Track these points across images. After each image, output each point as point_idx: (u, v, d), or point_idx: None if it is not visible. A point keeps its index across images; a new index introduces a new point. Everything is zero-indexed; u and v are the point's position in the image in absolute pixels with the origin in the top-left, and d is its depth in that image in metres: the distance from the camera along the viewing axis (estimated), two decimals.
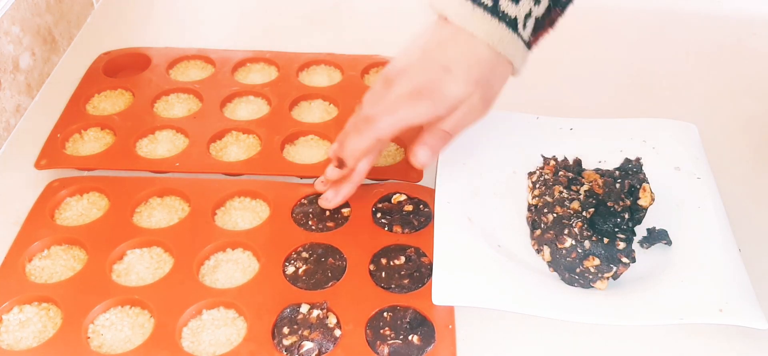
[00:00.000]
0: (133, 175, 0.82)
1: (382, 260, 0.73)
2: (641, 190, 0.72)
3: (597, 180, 0.73)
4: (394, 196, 0.79)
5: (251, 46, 1.03)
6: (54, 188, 0.80)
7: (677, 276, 0.70)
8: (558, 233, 0.69)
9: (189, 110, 0.92)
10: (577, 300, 0.69)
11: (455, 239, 0.73)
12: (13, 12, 0.91)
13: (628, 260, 0.69)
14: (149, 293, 0.69)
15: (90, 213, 0.78)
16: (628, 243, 0.69)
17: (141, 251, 0.74)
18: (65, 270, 0.72)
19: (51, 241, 0.74)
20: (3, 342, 0.66)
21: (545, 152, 0.80)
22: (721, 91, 0.98)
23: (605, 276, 0.69)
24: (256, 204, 0.80)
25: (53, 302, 0.69)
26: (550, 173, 0.75)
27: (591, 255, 0.68)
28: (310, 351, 0.64)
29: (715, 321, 0.66)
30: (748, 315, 0.66)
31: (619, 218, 0.70)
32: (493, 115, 0.87)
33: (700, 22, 1.12)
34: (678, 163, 0.81)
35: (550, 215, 0.71)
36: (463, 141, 0.84)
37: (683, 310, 0.67)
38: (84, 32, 1.08)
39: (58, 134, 0.86)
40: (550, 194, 0.72)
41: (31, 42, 0.95)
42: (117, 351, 0.65)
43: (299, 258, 0.73)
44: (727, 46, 1.07)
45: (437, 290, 0.68)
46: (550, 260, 0.71)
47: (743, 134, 0.90)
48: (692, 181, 0.79)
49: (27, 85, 0.94)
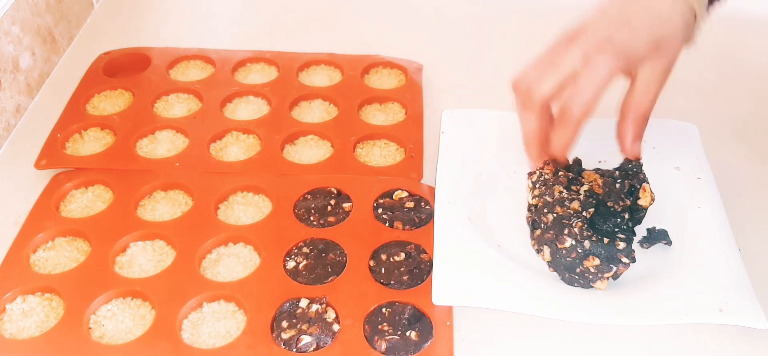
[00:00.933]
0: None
1: (382, 256, 0.73)
2: (641, 190, 0.72)
3: (597, 180, 0.73)
4: (396, 192, 0.79)
5: (251, 46, 1.03)
6: (59, 181, 0.80)
7: (677, 276, 0.70)
8: (558, 233, 0.69)
9: (189, 110, 0.92)
10: (577, 299, 0.69)
11: (455, 238, 0.73)
12: (13, 12, 0.91)
13: (628, 261, 0.68)
14: (151, 285, 0.69)
15: (95, 206, 0.78)
16: (628, 243, 0.69)
17: (144, 244, 0.74)
18: (69, 261, 0.72)
19: (55, 233, 0.75)
20: (6, 331, 0.66)
21: None
22: (722, 91, 0.98)
23: (605, 276, 0.69)
24: (259, 199, 0.80)
25: (56, 292, 0.69)
26: (550, 173, 0.75)
27: (591, 255, 0.68)
28: (308, 345, 0.64)
29: (716, 321, 0.66)
30: (748, 315, 0.66)
31: (619, 218, 0.70)
32: (493, 115, 0.88)
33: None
34: (678, 163, 0.82)
35: (550, 215, 0.71)
36: (462, 141, 0.85)
37: (683, 310, 0.67)
38: (84, 32, 1.08)
39: (58, 134, 0.86)
40: (550, 194, 0.72)
41: (31, 42, 0.95)
42: (118, 342, 0.65)
43: (300, 253, 0.73)
44: (727, 45, 1.08)
45: (437, 290, 0.68)
46: (550, 260, 0.70)
47: (743, 134, 0.91)
48: (692, 181, 0.80)
49: (27, 85, 0.94)
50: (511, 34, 1.11)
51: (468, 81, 0.99)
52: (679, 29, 0.71)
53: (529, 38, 1.07)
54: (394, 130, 0.89)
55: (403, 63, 1.00)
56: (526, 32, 1.09)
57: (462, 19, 1.13)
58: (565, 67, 0.69)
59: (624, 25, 0.69)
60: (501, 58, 1.03)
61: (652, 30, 0.69)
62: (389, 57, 1.00)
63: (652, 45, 0.70)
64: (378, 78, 0.98)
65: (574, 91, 0.69)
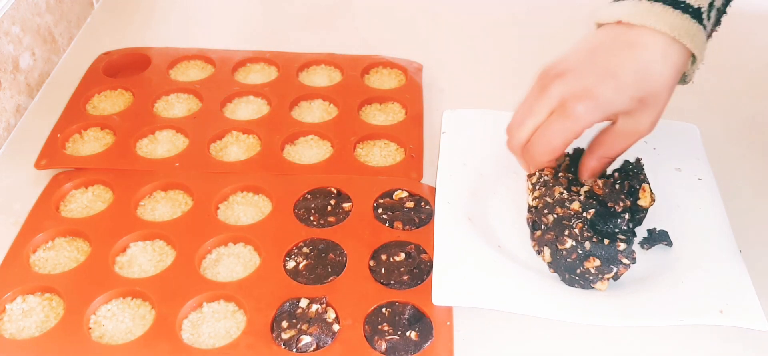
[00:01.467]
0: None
1: (382, 256, 0.73)
2: (641, 191, 0.72)
3: (597, 181, 0.73)
4: (396, 192, 0.79)
5: (251, 46, 1.03)
6: (59, 181, 0.80)
7: (678, 277, 0.70)
8: (558, 234, 0.69)
9: (189, 110, 0.92)
10: (577, 300, 0.69)
11: (456, 239, 0.73)
12: (13, 12, 0.91)
13: (629, 261, 0.68)
14: (151, 285, 0.69)
15: (95, 206, 0.78)
16: (628, 244, 0.69)
17: (144, 244, 0.74)
18: (69, 261, 0.72)
19: (55, 233, 0.75)
20: (6, 331, 0.66)
21: None
22: (722, 91, 0.98)
23: (606, 277, 0.68)
24: (259, 199, 0.80)
25: (56, 292, 0.69)
26: (550, 174, 0.75)
27: (591, 256, 0.68)
28: (308, 345, 0.64)
29: (716, 322, 0.66)
30: (749, 316, 0.66)
31: (619, 219, 0.70)
32: (494, 116, 0.87)
33: None
34: (679, 164, 0.82)
35: (551, 216, 0.71)
36: (463, 142, 0.85)
37: (684, 311, 0.67)
38: (84, 32, 1.08)
39: (58, 134, 0.86)
40: (551, 195, 0.72)
41: (31, 42, 0.95)
42: (118, 341, 0.65)
43: (300, 253, 0.73)
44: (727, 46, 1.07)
45: (437, 291, 0.68)
46: (551, 261, 0.70)
47: (744, 134, 0.91)
48: (693, 182, 0.80)
49: (27, 85, 0.94)
50: (511, 34, 1.10)
51: (468, 81, 0.99)
52: (667, 85, 0.66)
53: (530, 38, 1.08)
54: (394, 130, 0.89)
55: (403, 63, 1.00)
56: (527, 32, 1.10)
57: (462, 19, 1.13)
58: (542, 112, 0.67)
59: (609, 78, 0.65)
60: (501, 59, 1.04)
61: (638, 85, 0.65)
62: (389, 57, 1.00)
63: (637, 101, 0.65)
64: (378, 78, 0.98)
65: (543, 133, 0.67)
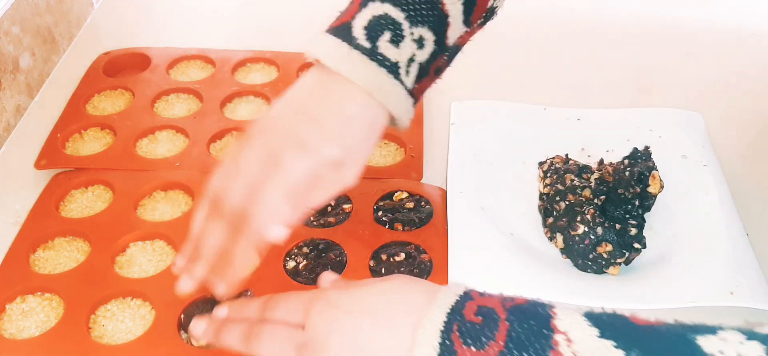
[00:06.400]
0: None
1: (382, 257, 0.73)
2: (651, 177, 0.73)
3: (607, 168, 0.74)
4: (396, 193, 0.79)
5: (251, 46, 1.03)
6: (59, 181, 0.80)
7: (688, 261, 0.72)
8: (571, 221, 0.70)
9: (189, 110, 0.92)
10: (590, 285, 0.70)
11: (469, 227, 0.74)
12: (13, 12, 0.91)
13: (641, 246, 0.70)
14: (151, 285, 0.69)
15: (95, 206, 0.79)
16: (639, 230, 0.71)
17: (143, 244, 0.74)
18: (69, 261, 0.72)
19: (55, 232, 0.75)
20: (6, 331, 0.66)
21: (553, 141, 0.82)
22: (726, 80, 0.99)
23: (618, 262, 0.70)
24: None
25: (56, 293, 0.69)
26: (561, 162, 0.76)
27: (604, 241, 0.69)
28: None
29: (727, 304, 0.67)
30: (759, 297, 0.67)
31: (629, 205, 0.71)
32: (501, 106, 0.88)
33: (705, 12, 1.14)
34: (685, 151, 0.83)
35: (563, 203, 0.72)
36: (472, 133, 0.85)
37: (695, 293, 0.68)
38: (84, 32, 1.08)
39: (58, 134, 0.86)
40: (562, 183, 0.73)
41: (31, 42, 0.95)
42: (118, 341, 0.65)
43: (300, 253, 0.73)
44: (731, 35, 1.08)
45: (453, 278, 0.68)
46: (563, 247, 0.72)
47: (747, 122, 0.92)
48: (699, 169, 0.81)
49: (27, 85, 0.94)
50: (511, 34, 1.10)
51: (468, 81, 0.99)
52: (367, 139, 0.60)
53: (530, 39, 1.08)
54: (394, 130, 0.88)
55: None
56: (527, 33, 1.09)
57: None
58: (251, 168, 0.57)
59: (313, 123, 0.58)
60: (501, 59, 1.03)
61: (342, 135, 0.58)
62: None
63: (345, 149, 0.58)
64: None
65: (256, 197, 0.57)
